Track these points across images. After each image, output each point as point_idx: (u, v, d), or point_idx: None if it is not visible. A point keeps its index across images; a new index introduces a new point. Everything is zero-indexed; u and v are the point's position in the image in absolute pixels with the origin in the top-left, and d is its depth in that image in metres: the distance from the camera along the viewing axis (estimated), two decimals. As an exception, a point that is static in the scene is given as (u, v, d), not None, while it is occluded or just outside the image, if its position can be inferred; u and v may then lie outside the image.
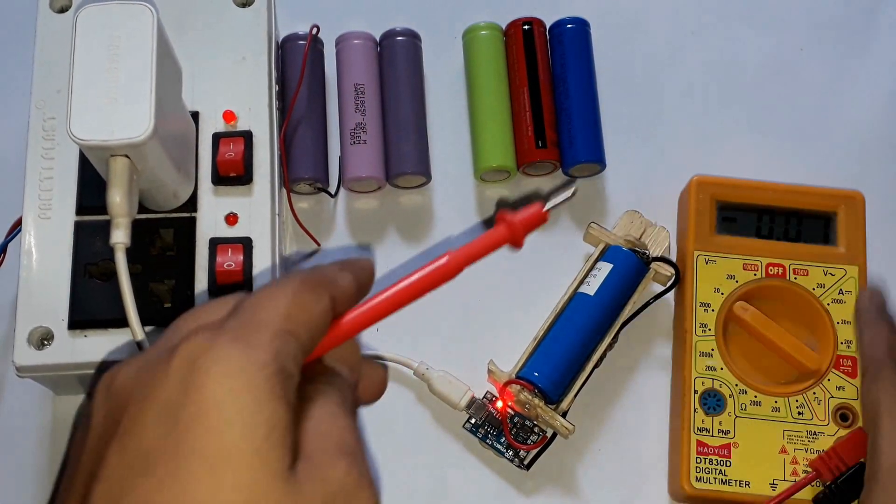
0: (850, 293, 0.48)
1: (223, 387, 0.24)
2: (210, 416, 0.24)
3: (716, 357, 0.47)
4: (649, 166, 0.54)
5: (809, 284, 0.48)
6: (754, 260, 0.49)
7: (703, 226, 0.50)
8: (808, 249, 0.49)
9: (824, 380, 0.47)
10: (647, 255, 0.49)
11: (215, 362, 0.25)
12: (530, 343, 0.47)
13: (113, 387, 0.27)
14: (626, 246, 0.49)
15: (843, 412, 0.46)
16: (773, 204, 0.50)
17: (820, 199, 0.50)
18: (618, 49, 0.57)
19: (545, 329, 0.47)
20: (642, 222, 0.50)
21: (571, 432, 0.45)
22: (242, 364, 0.25)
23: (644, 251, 0.49)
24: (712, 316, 0.48)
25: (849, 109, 0.56)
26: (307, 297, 0.28)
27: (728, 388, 0.47)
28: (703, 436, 0.46)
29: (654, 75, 0.57)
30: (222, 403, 0.24)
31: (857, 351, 0.47)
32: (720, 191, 0.50)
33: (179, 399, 0.24)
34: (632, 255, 0.49)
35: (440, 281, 0.31)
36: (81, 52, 0.39)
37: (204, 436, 0.24)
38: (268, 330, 0.26)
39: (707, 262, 0.49)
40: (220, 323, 0.27)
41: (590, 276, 0.48)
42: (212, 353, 0.25)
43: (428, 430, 0.48)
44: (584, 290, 0.48)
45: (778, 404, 0.46)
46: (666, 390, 0.49)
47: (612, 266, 0.48)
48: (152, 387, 0.25)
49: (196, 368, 0.25)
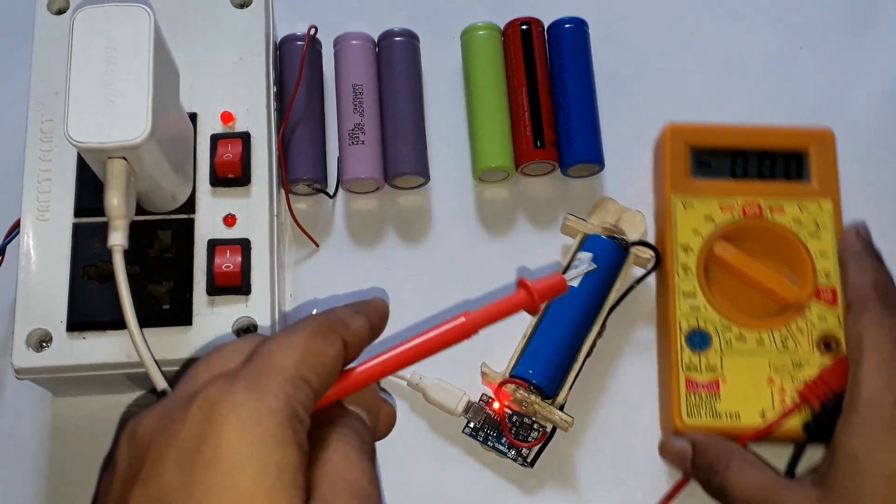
0: (826, 226, 0.49)
1: (237, 432, 0.26)
2: (224, 460, 0.26)
3: (699, 297, 0.48)
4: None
5: (786, 220, 0.50)
6: (731, 201, 0.50)
7: (678, 171, 0.51)
8: (783, 187, 0.51)
9: (806, 311, 0.48)
10: (626, 241, 0.49)
11: (231, 410, 0.27)
12: (520, 341, 0.47)
13: (136, 435, 0.28)
14: (604, 234, 0.49)
15: (826, 341, 0.47)
16: (746, 145, 0.51)
17: (791, 138, 0.52)
18: (616, 49, 0.57)
19: (533, 325, 0.47)
20: (617, 208, 0.51)
21: (571, 424, 0.45)
22: (255, 411, 0.27)
23: (622, 237, 0.49)
24: (693, 258, 0.49)
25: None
26: (320, 342, 0.29)
27: (712, 325, 0.48)
28: (691, 373, 0.47)
29: (654, 75, 0.57)
30: (236, 448, 0.26)
31: (842, 286, 0.48)
32: (693, 136, 0.51)
33: (197, 444, 0.26)
34: (611, 242, 0.49)
35: (456, 340, 0.33)
36: (79, 54, 0.39)
37: (219, 478, 0.26)
38: (280, 377, 0.28)
39: (685, 206, 0.50)
40: (236, 371, 0.28)
41: (571, 268, 0.48)
42: (227, 401, 0.27)
43: (427, 440, 0.48)
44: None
45: (762, 338, 0.47)
46: (653, 374, 0.50)
47: (592, 255, 0.48)
48: (172, 433, 0.27)
49: (213, 415, 0.27)
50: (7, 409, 0.49)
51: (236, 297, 0.44)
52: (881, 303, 0.44)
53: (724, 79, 0.57)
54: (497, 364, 0.47)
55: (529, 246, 0.52)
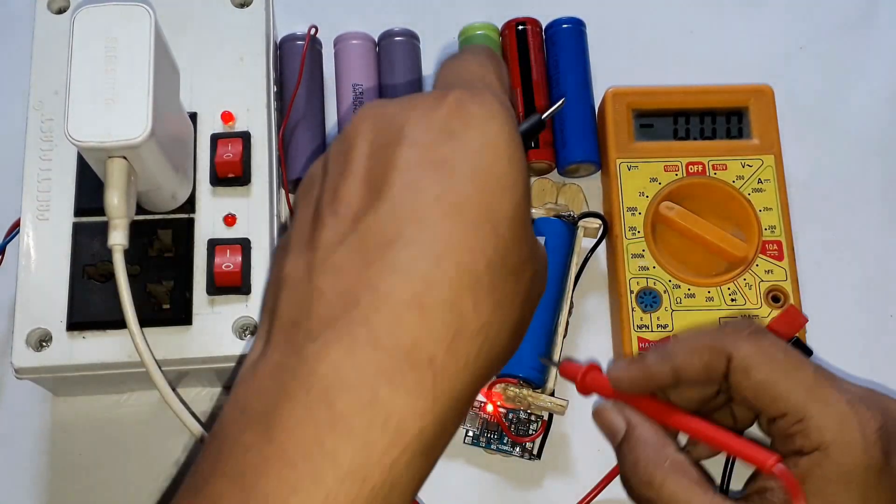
0: (769, 181, 0.50)
1: (495, 125, 0.28)
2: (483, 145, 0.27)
3: (647, 257, 0.49)
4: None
5: (729, 178, 0.51)
6: (674, 161, 0.51)
7: (621, 134, 0.51)
8: (725, 145, 0.52)
9: (753, 266, 0.49)
10: (572, 216, 0.50)
11: (483, 106, 0.28)
12: None
13: (384, 115, 0.29)
14: (550, 214, 0.50)
15: (774, 294, 0.49)
16: (687, 106, 0.52)
17: (731, 96, 0.52)
18: (614, 49, 0.57)
19: None
20: (553, 186, 0.52)
21: (566, 407, 0.46)
22: (505, 108, 0.29)
23: (567, 213, 0.50)
24: (640, 219, 0.50)
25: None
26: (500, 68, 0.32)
27: (662, 284, 0.48)
28: (642, 332, 0.48)
29: (652, 74, 0.57)
30: (495, 140, 0.28)
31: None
32: (634, 99, 0.52)
33: (454, 123, 0.28)
34: (557, 221, 0.49)
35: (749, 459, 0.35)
36: (79, 53, 0.39)
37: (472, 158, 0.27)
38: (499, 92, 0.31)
39: (629, 168, 0.51)
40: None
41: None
42: (477, 99, 0.28)
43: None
44: None
45: (711, 294, 0.48)
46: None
47: (544, 239, 0.49)
48: (427, 117, 0.28)
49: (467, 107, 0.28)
50: (7, 410, 0.49)
51: (236, 297, 0.44)
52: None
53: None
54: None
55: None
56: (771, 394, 0.35)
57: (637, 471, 0.37)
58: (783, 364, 0.35)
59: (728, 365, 0.36)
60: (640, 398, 0.38)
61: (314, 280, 0.27)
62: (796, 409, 0.34)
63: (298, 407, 0.25)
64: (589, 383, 0.39)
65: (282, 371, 0.26)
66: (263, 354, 0.27)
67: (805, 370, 0.35)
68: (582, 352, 0.50)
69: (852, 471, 0.33)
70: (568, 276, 0.49)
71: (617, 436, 0.39)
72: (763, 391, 0.35)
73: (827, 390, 0.34)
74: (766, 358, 0.35)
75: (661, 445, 0.37)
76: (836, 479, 0.33)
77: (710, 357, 0.36)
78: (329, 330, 0.26)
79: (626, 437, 0.38)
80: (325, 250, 0.27)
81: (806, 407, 0.34)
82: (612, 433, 0.39)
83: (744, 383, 0.35)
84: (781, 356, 0.35)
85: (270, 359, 0.27)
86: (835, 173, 0.55)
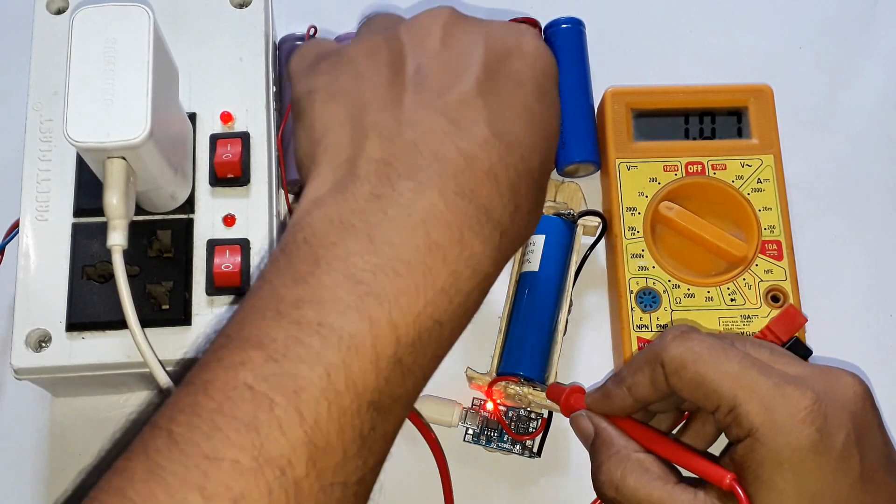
0: (769, 181, 0.50)
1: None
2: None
3: (647, 257, 0.49)
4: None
5: (728, 177, 0.50)
6: (674, 161, 0.51)
7: (621, 134, 0.51)
8: (724, 145, 0.52)
9: (752, 265, 0.49)
10: (571, 214, 0.50)
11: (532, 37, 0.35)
12: (497, 337, 0.48)
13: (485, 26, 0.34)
14: (549, 212, 0.50)
15: (773, 294, 0.49)
16: (687, 106, 0.52)
17: (730, 96, 0.52)
18: (614, 49, 0.57)
19: (506, 318, 0.48)
20: (551, 184, 0.52)
21: None
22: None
23: (567, 211, 0.50)
24: (639, 219, 0.50)
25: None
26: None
27: (661, 284, 0.48)
28: (642, 332, 0.48)
29: (652, 74, 0.57)
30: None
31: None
32: (634, 99, 0.52)
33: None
34: (557, 219, 0.50)
35: (707, 476, 0.36)
36: (78, 54, 0.39)
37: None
38: None
39: (629, 168, 0.51)
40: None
41: (528, 254, 0.49)
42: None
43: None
44: (527, 268, 0.49)
45: (711, 294, 0.48)
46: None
47: (544, 237, 0.49)
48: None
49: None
50: (6, 410, 0.49)
51: (236, 298, 0.44)
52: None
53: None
54: (480, 366, 0.47)
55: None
56: (703, 389, 0.36)
57: (601, 471, 0.38)
58: (709, 358, 0.36)
59: (664, 371, 0.37)
60: (618, 420, 0.40)
61: (405, 133, 0.31)
62: (726, 399, 0.35)
63: (399, 228, 0.29)
64: (573, 405, 0.42)
65: (378, 198, 0.30)
66: (343, 185, 0.30)
67: (730, 360, 0.35)
68: (582, 351, 0.50)
69: (782, 452, 0.33)
70: (567, 275, 0.49)
71: (588, 440, 0.41)
72: (696, 388, 0.36)
73: (752, 376, 0.35)
74: (694, 356, 0.36)
75: (623, 447, 0.39)
76: (768, 462, 0.34)
77: (650, 369, 0.37)
78: (423, 176, 0.30)
79: (593, 441, 0.40)
80: (412, 112, 0.31)
81: (734, 396, 0.35)
82: (584, 438, 0.41)
83: (679, 385, 0.36)
84: (707, 351, 0.36)
85: (360, 188, 0.30)
86: (834, 173, 0.55)
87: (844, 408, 0.34)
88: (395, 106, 0.32)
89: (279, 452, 0.26)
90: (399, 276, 0.29)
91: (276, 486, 0.26)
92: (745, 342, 0.38)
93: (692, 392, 0.36)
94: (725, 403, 0.35)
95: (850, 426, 0.34)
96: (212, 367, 0.28)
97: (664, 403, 0.39)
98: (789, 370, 0.36)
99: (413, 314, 0.28)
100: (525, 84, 0.33)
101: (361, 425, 0.28)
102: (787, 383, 0.34)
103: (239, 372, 0.27)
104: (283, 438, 0.27)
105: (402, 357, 0.28)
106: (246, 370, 0.27)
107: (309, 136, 0.33)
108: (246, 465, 0.26)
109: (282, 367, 0.27)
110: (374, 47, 0.34)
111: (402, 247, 0.29)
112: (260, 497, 0.26)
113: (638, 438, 0.39)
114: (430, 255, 0.29)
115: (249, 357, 0.28)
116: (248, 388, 0.27)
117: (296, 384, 0.27)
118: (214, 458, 0.26)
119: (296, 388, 0.27)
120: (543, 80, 0.34)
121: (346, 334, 0.28)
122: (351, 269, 0.28)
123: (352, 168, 0.31)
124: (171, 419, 0.27)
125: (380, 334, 0.28)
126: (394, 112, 0.31)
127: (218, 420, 0.27)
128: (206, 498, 0.26)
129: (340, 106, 0.32)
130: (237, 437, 0.26)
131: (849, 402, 0.34)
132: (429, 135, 0.31)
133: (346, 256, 0.29)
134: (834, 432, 0.33)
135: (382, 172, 0.30)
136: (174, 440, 0.27)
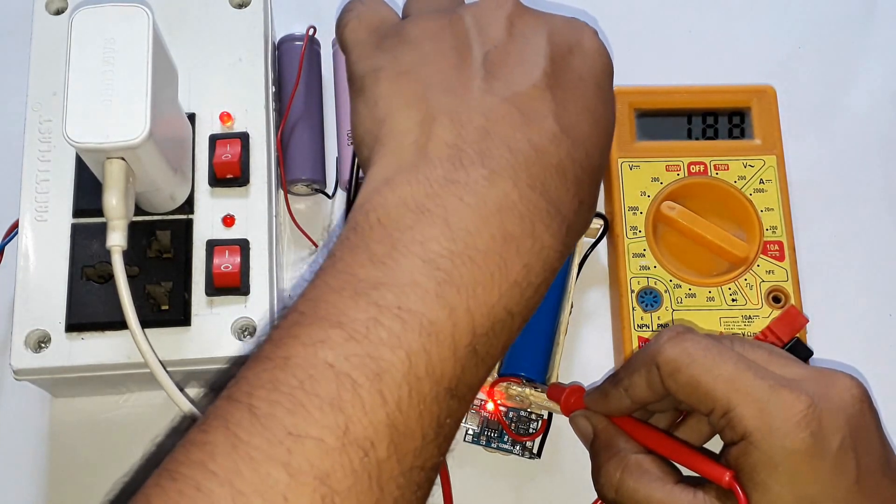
0: (771, 182, 0.50)
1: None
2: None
3: (648, 257, 0.49)
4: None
5: (731, 178, 0.50)
6: (676, 161, 0.51)
7: (623, 134, 0.52)
8: (727, 145, 0.52)
9: (754, 266, 0.49)
10: None
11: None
12: None
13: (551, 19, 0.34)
14: None
15: (775, 294, 0.48)
16: (689, 106, 0.53)
17: (733, 96, 0.53)
18: (615, 48, 0.57)
19: None
20: None
21: None
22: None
23: None
24: (641, 218, 0.50)
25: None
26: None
27: (663, 284, 0.48)
28: (643, 332, 0.48)
29: (654, 74, 0.57)
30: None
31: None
32: (636, 98, 0.52)
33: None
34: None
35: (705, 473, 0.36)
36: (77, 55, 0.39)
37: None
38: None
39: (631, 167, 0.51)
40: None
41: None
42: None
43: None
44: None
45: (712, 294, 0.48)
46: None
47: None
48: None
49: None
50: (6, 411, 0.49)
51: (235, 298, 0.44)
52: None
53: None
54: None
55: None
56: (698, 392, 0.35)
57: (601, 473, 0.38)
58: (703, 361, 0.36)
59: (660, 373, 0.37)
60: (617, 419, 0.40)
61: (475, 120, 0.31)
62: (721, 402, 0.35)
63: (474, 215, 0.29)
64: (573, 405, 0.42)
65: (452, 183, 0.29)
66: (415, 167, 0.30)
67: (725, 363, 0.35)
68: (583, 350, 0.50)
69: (776, 455, 0.33)
70: (569, 276, 0.49)
71: (587, 440, 0.41)
72: (691, 390, 0.36)
73: (747, 379, 0.35)
74: (689, 358, 0.36)
75: (623, 448, 0.39)
76: (762, 465, 0.34)
77: (645, 371, 0.37)
78: (495, 165, 0.30)
79: (593, 442, 0.40)
80: (481, 99, 0.31)
81: (728, 399, 0.35)
82: (584, 438, 0.42)
83: (674, 387, 0.36)
84: (702, 354, 0.36)
85: (433, 172, 0.30)
86: (836, 173, 0.55)
87: (840, 411, 0.34)
88: (465, 91, 0.31)
89: (363, 434, 0.26)
90: (475, 265, 0.29)
91: (359, 467, 0.26)
92: (742, 343, 0.38)
93: (687, 395, 0.36)
94: (720, 407, 0.35)
95: (846, 430, 0.34)
96: (288, 344, 0.28)
97: (662, 403, 0.39)
98: (785, 373, 0.36)
99: (488, 305, 0.28)
100: (587, 80, 0.33)
101: (439, 412, 0.28)
102: (782, 387, 0.34)
103: (319, 350, 0.27)
104: (367, 419, 0.26)
105: (476, 347, 0.29)
106: (326, 348, 0.27)
107: (372, 113, 0.32)
108: (330, 444, 0.26)
109: (363, 347, 0.27)
110: (438, 30, 0.33)
111: (479, 235, 0.29)
112: (344, 477, 0.26)
113: (637, 437, 0.39)
114: (504, 246, 0.29)
115: (329, 336, 0.27)
116: (329, 367, 0.27)
117: (378, 366, 0.27)
118: (298, 434, 0.26)
119: (378, 371, 0.27)
120: (602, 78, 0.34)
121: (427, 321, 0.28)
122: (429, 254, 0.28)
123: (422, 150, 0.30)
124: (250, 394, 0.27)
125: (458, 323, 0.28)
126: (463, 97, 0.31)
127: (300, 397, 0.26)
128: (291, 474, 0.25)
129: (407, 86, 0.32)
130: (321, 415, 0.26)
131: (845, 405, 0.34)
132: (500, 124, 0.30)
133: (423, 241, 0.28)
134: (829, 436, 0.33)
135: (455, 157, 0.30)
136: (255, 415, 0.26)
